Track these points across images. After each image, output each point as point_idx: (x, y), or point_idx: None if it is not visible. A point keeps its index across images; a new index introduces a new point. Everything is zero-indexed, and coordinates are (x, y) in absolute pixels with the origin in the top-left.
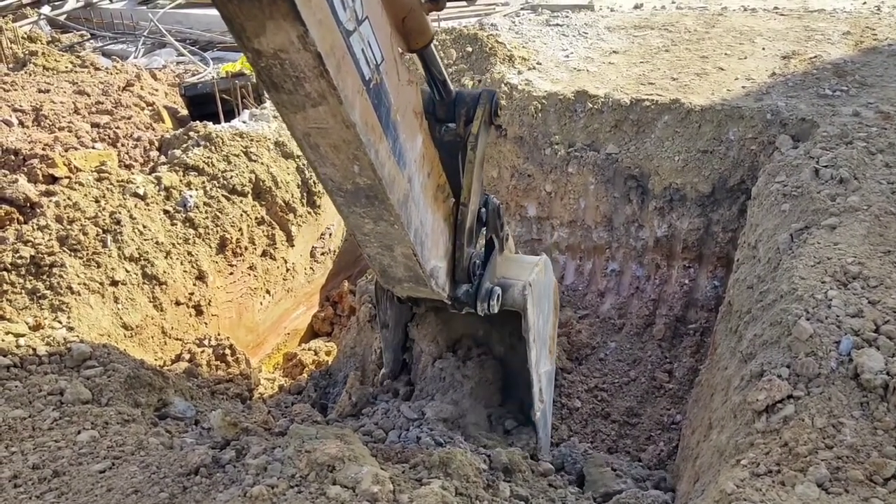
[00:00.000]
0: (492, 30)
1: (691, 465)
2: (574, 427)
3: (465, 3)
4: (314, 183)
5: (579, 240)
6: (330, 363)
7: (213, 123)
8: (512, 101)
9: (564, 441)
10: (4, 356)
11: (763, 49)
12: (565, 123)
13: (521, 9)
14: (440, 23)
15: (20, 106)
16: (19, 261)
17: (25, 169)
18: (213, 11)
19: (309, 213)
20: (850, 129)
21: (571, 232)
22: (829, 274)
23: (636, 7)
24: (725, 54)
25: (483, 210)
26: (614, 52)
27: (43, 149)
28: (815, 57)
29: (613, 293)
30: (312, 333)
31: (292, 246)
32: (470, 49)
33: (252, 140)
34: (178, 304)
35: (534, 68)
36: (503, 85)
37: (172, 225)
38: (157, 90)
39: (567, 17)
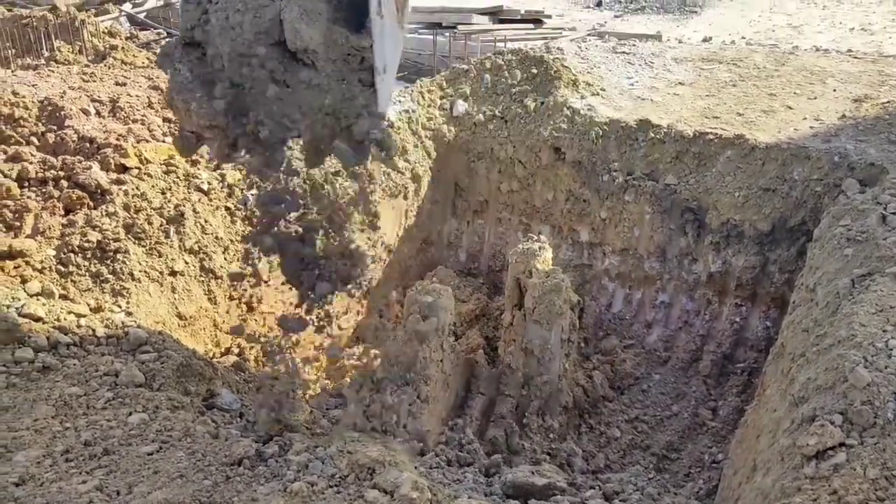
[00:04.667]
0: (558, 53)
1: None
2: (612, 457)
3: (532, 26)
4: (370, 192)
5: (630, 268)
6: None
7: None
8: (573, 126)
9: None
10: (65, 334)
11: (834, 91)
12: (625, 151)
13: (588, 35)
14: (507, 44)
15: (98, 97)
16: (86, 244)
17: (99, 157)
18: None
19: (363, 219)
20: None
21: (623, 260)
22: (891, 323)
23: (705, 40)
24: (795, 93)
25: None
26: (680, 83)
27: (117, 139)
28: (888, 102)
29: (661, 325)
30: (357, 339)
31: None
32: (535, 71)
33: None
34: (231, 299)
35: (597, 94)
36: (565, 108)
37: (232, 222)
38: None
39: (634, 45)
